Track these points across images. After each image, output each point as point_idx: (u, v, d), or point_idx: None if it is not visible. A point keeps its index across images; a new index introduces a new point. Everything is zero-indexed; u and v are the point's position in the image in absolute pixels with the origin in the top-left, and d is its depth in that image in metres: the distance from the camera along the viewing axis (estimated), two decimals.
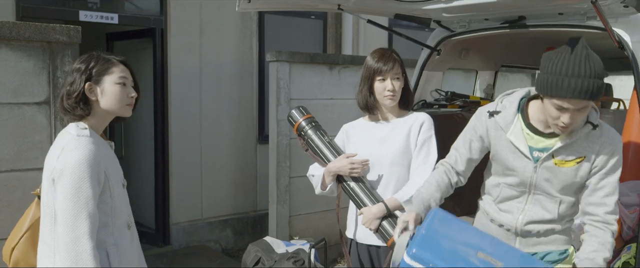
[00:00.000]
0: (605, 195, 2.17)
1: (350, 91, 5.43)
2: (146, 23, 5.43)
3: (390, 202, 2.58)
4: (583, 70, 1.95)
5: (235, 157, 5.94)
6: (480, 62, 4.34)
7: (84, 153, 1.87)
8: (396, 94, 2.65)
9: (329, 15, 6.72)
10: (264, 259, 3.79)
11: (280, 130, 4.93)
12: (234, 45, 5.89)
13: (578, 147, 2.18)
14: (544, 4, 3.00)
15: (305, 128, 2.83)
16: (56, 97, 3.09)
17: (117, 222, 2.01)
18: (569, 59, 1.98)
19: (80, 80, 1.96)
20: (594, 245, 2.15)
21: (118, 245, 2.00)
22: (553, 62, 2.01)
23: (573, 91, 1.95)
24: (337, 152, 2.76)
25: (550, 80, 2.01)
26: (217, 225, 5.89)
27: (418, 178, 2.58)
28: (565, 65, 1.97)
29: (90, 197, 1.87)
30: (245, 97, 5.98)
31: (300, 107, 2.91)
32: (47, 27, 3.02)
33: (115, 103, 2.01)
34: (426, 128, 2.67)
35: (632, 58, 2.80)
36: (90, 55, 2.02)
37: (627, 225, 2.91)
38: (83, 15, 5.03)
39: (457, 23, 3.60)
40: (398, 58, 2.69)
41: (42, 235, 2.01)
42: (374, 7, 3.49)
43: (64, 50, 3.08)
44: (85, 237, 1.85)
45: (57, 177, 1.87)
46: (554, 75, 1.99)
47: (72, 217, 1.84)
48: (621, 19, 2.85)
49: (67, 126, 1.99)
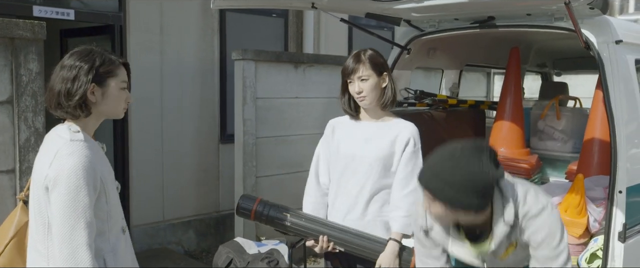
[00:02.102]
0: (548, 260, 2.01)
1: (314, 90, 5.43)
2: (104, 19, 5.25)
3: (396, 237, 2.59)
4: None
5: (198, 157, 5.83)
6: (446, 61, 4.42)
7: (79, 160, 1.77)
8: (366, 95, 2.61)
9: (291, 13, 6.70)
10: (236, 260, 3.75)
11: (247, 129, 4.88)
12: (196, 43, 5.77)
13: (505, 240, 2.06)
14: (514, 5, 3.09)
15: (263, 213, 2.73)
16: (19, 96, 2.95)
17: (113, 228, 1.93)
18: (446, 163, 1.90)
19: (86, 79, 1.82)
20: None
21: (115, 252, 1.92)
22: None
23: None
24: (310, 219, 2.71)
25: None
26: (180, 227, 5.76)
27: (406, 199, 2.58)
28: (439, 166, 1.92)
29: (87, 205, 1.77)
30: (207, 96, 5.88)
31: (243, 196, 2.81)
32: (10, 23, 2.87)
33: (115, 107, 1.92)
34: (414, 141, 2.64)
35: (597, 58, 2.91)
36: (92, 51, 1.88)
37: (594, 218, 3.03)
38: (37, 10, 4.81)
39: (427, 23, 3.66)
40: (368, 58, 2.63)
41: (33, 242, 1.90)
42: (346, 5, 3.51)
43: (27, 46, 2.93)
44: (83, 248, 1.76)
45: (52, 185, 1.76)
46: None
47: (69, 227, 1.75)
48: (587, 20, 2.95)
49: (56, 129, 1.86)
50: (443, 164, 1.91)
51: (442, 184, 1.88)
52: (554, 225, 2.00)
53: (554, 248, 1.99)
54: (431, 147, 2.57)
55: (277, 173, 5.18)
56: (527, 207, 2.00)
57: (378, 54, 2.68)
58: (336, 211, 2.74)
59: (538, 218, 1.99)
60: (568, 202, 2.97)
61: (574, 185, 2.99)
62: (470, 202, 1.89)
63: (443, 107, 4.26)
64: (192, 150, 5.78)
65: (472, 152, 1.89)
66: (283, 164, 5.26)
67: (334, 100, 5.71)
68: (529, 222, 2.00)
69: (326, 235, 2.63)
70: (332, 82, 5.56)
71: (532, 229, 2.00)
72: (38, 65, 2.98)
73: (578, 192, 2.96)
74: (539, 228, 1.99)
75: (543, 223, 1.99)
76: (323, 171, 2.82)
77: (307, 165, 5.41)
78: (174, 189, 5.66)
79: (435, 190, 1.90)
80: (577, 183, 2.97)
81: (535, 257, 2.05)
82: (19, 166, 2.96)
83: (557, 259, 2.00)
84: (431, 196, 1.92)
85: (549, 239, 1.99)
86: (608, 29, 2.94)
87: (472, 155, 1.88)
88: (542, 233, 1.99)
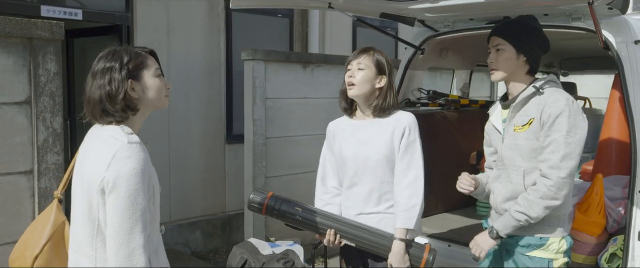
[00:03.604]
0: (550, 152, 2.30)
1: (322, 90, 5.42)
2: (111, 20, 5.23)
3: (400, 234, 2.55)
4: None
5: (204, 158, 5.82)
6: (458, 61, 4.43)
7: (138, 163, 1.75)
8: (356, 83, 2.57)
9: (295, 14, 6.69)
10: (250, 261, 3.74)
11: (256, 129, 4.86)
12: (202, 43, 5.76)
13: (527, 111, 2.41)
14: (531, 5, 3.09)
15: (274, 207, 2.68)
16: (37, 97, 2.92)
17: (155, 229, 1.91)
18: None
19: (121, 77, 1.80)
20: (519, 200, 2.35)
21: (157, 252, 1.90)
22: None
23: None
24: (322, 214, 2.68)
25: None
26: (186, 228, 5.74)
27: (405, 192, 2.55)
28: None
29: (144, 208, 1.75)
30: (214, 96, 5.86)
31: (255, 190, 2.77)
32: (28, 23, 2.84)
33: (158, 96, 1.89)
34: (409, 131, 2.59)
35: (616, 58, 2.91)
36: (116, 51, 1.86)
37: (613, 218, 3.03)
38: (45, 10, 4.78)
39: (442, 23, 3.66)
40: (374, 54, 2.62)
41: (79, 244, 1.86)
42: (362, 5, 3.50)
43: (46, 46, 2.91)
44: (139, 250, 1.74)
45: (110, 188, 1.73)
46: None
47: (127, 230, 1.73)
48: (605, 20, 2.96)
49: (107, 130, 1.82)
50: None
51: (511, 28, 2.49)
52: (570, 113, 2.28)
53: (563, 136, 2.25)
54: (444, 146, 2.58)
55: (286, 173, 5.16)
56: (553, 92, 2.36)
57: (386, 59, 2.67)
58: (347, 214, 2.72)
59: (558, 104, 2.30)
60: (588, 202, 2.98)
61: (593, 184, 2.99)
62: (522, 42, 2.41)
63: (454, 107, 4.26)
64: (198, 151, 5.76)
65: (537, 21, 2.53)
66: (292, 164, 5.25)
67: None
68: (549, 105, 2.31)
69: (335, 229, 2.61)
70: (339, 82, 5.52)
71: (550, 109, 2.30)
72: (56, 65, 2.96)
73: (597, 192, 2.96)
74: (556, 111, 2.28)
75: (559, 108, 2.29)
76: (330, 174, 2.79)
77: (315, 166, 5.38)
78: (181, 190, 5.64)
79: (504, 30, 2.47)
80: (596, 183, 2.98)
81: (543, 144, 2.31)
82: (37, 167, 2.94)
83: (558, 151, 2.27)
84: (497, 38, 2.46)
85: (561, 120, 2.27)
86: (627, 29, 2.94)
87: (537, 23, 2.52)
88: (557, 118, 2.28)
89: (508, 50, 2.45)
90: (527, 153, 2.39)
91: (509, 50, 2.44)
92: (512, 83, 2.50)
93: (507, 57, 2.45)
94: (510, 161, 2.46)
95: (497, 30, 2.52)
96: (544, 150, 2.32)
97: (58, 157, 3.00)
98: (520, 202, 2.34)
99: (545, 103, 2.34)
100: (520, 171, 2.42)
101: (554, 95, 2.35)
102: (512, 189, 2.45)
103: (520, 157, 2.42)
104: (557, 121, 2.29)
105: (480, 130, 4.53)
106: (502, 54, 2.46)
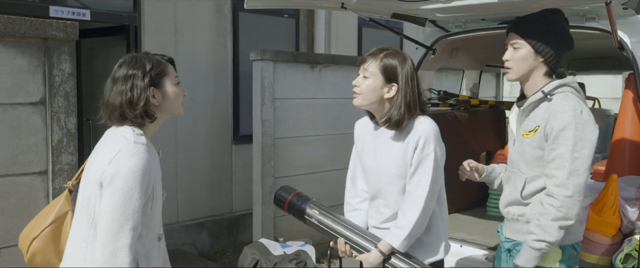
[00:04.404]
0: (556, 168, 2.16)
1: (330, 90, 5.42)
2: (119, 20, 5.22)
3: (382, 246, 2.34)
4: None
5: (211, 158, 5.81)
6: (468, 62, 4.43)
7: (139, 162, 1.78)
8: (359, 93, 2.33)
9: (302, 14, 6.69)
10: (262, 261, 3.73)
11: (265, 130, 4.86)
12: (209, 43, 5.76)
13: (534, 117, 2.28)
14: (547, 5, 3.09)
15: (296, 204, 2.58)
16: (52, 97, 2.92)
17: (150, 234, 1.93)
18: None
19: (143, 85, 1.84)
20: (532, 228, 2.21)
21: (148, 257, 1.92)
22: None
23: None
24: (338, 220, 2.53)
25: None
26: (193, 228, 5.74)
27: (403, 209, 2.33)
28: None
29: (138, 208, 1.78)
30: (220, 97, 5.86)
31: (282, 186, 2.71)
32: (43, 23, 2.84)
33: (176, 104, 1.94)
34: (424, 144, 2.28)
35: (632, 58, 2.91)
36: (138, 57, 1.90)
37: (628, 218, 3.03)
38: (53, 10, 4.78)
39: (453, 23, 3.66)
40: (382, 58, 2.31)
41: (76, 234, 1.90)
42: (374, 6, 3.50)
43: (60, 47, 2.90)
44: (125, 250, 1.76)
45: (107, 182, 1.76)
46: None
47: (116, 228, 1.75)
48: (620, 20, 2.95)
49: (120, 129, 1.87)
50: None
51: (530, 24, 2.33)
52: (577, 126, 2.13)
53: (569, 151, 2.12)
54: (454, 147, 2.55)
55: (295, 174, 5.16)
56: (562, 100, 2.20)
57: (401, 64, 2.31)
58: (371, 226, 2.58)
59: (564, 115, 2.15)
60: (602, 202, 2.97)
61: (608, 185, 2.99)
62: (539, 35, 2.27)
63: (464, 108, 4.26)
64: (205, 151, 5.75)
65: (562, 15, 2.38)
66: (300, 165, 5.25)
67: (349, 100, 5.70)
68: (555, 115, 2.17)
69: (345, 239, 2.46)
70: (347, 83, 5.52)
71: (556, 121, 2.15)
72: (70, 66, 2.96)
73: (612, 192, 2.96)
74: (562, 123, 2.14)
75: (565, 120, 2.14)
76: (360, 177, 2.62)
77: (323, 166, 5.43)
78: (188, 190, 5.64)
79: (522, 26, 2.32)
80: (611, 183, 2.97)
81: (548, 159, 2.18)
82: (52, 167, 2.93)
83: (564, 168, 2.12)
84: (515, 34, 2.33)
85: (567, 133, 2.12)
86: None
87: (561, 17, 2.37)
88: (560, 121, 2.14)
89: (524, 49, 2.30)
90: (530, 161, 2.28)
91: (525, 49, 2.30)
92: (528, 84, 2.35)
93: (523, 57, 2.30)
94: (516, 166, 2.38)
95: (514, 26, 2.36)
96: (549, 164, 2.18)
97: (72, 158, 3.00)
98: (534, 230, 2.19)
99: (552, 113, 2.19)
100: (523, 178, 2.32)
101: (561, 104, 2.18)
102: (514, 195, 2.37)
103: (524, 163, 2.32)
104: (562, 135, 2.14)
105: (490, 130, 4.56)
106: (518, 53, 2.31)
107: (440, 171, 2.36)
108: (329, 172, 5.46)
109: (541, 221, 2.17)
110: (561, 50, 2.33)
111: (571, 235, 2.31)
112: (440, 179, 2.39)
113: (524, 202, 2.33)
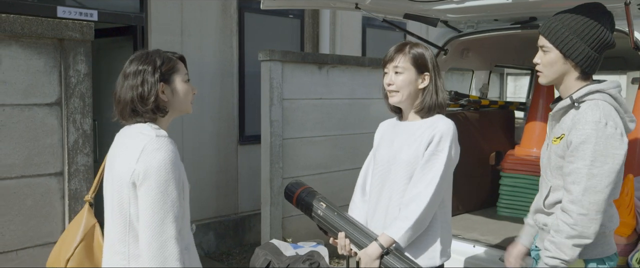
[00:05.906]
0: (572, 182, 2.03)
1: (337, 91, 5.42)
2: (126, 20, 5.21)
3: (382, 239, 2.28)
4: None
5: (217, 159, 5.80)
6: (478, 62, 4.43)
7: (167, 154, 1.77)
8: (396, 89, 2.33)
9: (306, 14, 6.69)
10: (274, 262, 3.73)
11: (273, 130, 4.85)
12: (215, 44, 5.75)
13: (563, 124, 2.17)
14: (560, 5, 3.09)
15: (304, 199, 2.55)
16: (68, 98, 2.90)
17: (185, 226, 1.92)
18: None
19: (153, 80, 1.84)
20: (547, 245, 2.10)
21: (188, 249, 1.91)
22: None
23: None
24: (343, 217, 2.48)
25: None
26: (200, 229, 5.72)
27: (413, 205, 2.25)
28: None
29: (176, 198, 1.77)
30: (226, 97, 5.85)
31: (293, 181, 2.69)
32: (59, 23, 2.83)
33: (185, 101, 1.94)
34: (439, 140, 2.27)
35: None
36: (149, 54, 1.91)
37: None
38: (61, 11, 4.76)
39: (465, 23, 3.66)
40: (411, 51, 2.34)
41: (111, 243, 1.88)
42: (387, 6, 3.50)
43: (76, 47, 2.89)
44: (172, 241, 1.75)
45: (141, 180, 1.75)
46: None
47: (159, 221, 1.74)
48: (636, 21, 2.96)
49: (136, 127, 1.87)
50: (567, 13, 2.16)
51: (560, 25, 2.14)
52: (598, 140, 1.98)
53: (586, 166, 1.98)
54: (465, 147, 2.50)
55: (303, 174, 5.15)
56: (588, 109, 2.05)
57: (426, 52, 2.37)
58: (373, 226, 2.47)
59: (586, 126, 2.01)
60: (618, 203, 2.97)
61: (624, 185, 2.98)
62: (574, 45, 2.09)
63: (474, 108, 4.27)
64: (211, 152, 5.74)
65: (600, 10, 2.14)
66: (308, 165, 5.25)
67: (356, 101, 5.75)
68: (578, 125, 2.04)
69: (346, 234, 2.40)
70: (354, 83, 5.56)
71: (578, 131, 2.03)
72: (86, 66, 2.94)
73: (628, 192, 2.97)
74: (582, 135, 2.01)
75: (586, 132, 2.00)
76: (369, 183, 2.57)
77: (331, 167, 5.43)
78: (194, 191, 5.55)
79: (552, 29, 2.14)
80: (627, 183, 2.98)
81: (566, 171, 2.06)
82: (68, 168, 2.92)
83: (579, 183, 1.99)
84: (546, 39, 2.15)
85: (586, 147, 1.99)
86: None
87: (599, 13, 2.13)
88: (581, 133, 2.01)
89: (552, 53, 2.14)
90: (554, 169, 2.18)
91: (553, 53, 2.14)
92: (561, 88, 2.21)
93: (552, 62, 2.15)
94: (544, 172, 2.29)
95: (542, 28, 2.19)
96: (567, 178, 2.06)
97: (88, 159, 2.98)
98: (549, 247, 2.08)
99: (575, 123, 2.06)
100: (548, 186, 2.22)
101: (586, 115, 2.03)
102: (539, 202, 2.29)
103: (549, 170, 2.23)
104: (581, 148, 2.00)
105: (500, 130, 4.56)
106: (547, 57, 2.16)
107: (450, 171, 2.33)
108: (336, 173, 5.46)
109: (555, 238, 2.06)
110: (597, 51, 2.13)
111: (598, 250, 2.16)
112: (448, 180, 2.34)
113: (547, 211, 2.25)
